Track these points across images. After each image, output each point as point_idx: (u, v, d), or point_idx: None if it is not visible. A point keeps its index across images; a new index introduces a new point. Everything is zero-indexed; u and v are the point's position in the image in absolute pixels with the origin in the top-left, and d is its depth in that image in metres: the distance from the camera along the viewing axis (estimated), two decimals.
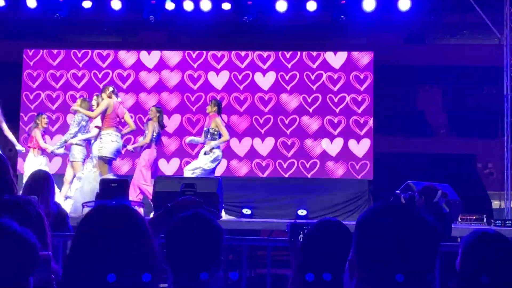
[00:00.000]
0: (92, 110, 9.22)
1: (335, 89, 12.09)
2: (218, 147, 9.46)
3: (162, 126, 9.86)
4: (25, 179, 4.90)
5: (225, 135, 9.44)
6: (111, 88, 8.98)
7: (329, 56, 12.21)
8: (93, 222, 1.81)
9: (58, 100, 12.27)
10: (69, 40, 13.38)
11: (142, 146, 9.68)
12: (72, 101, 12.22)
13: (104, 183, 7.52)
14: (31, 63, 12.45)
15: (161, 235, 2.48)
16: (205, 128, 9.65)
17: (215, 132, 9.40)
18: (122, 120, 9.08)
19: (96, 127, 9.08)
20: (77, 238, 1.81)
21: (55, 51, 12.48)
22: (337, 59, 12.20)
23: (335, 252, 2.37)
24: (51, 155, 10.50)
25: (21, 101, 12.22)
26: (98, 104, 9.10)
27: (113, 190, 7.27)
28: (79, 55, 12.46)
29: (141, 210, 7.87)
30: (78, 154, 9.41)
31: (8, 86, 12.28)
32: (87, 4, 10.99)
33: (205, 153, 9.35)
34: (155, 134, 9.66)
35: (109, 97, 8.81)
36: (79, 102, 9.70)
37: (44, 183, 4.50)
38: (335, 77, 12.12)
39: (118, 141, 8.76)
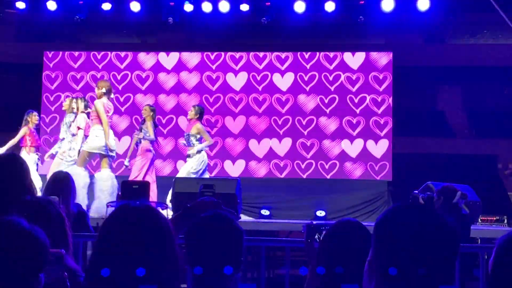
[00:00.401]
0: (75, 112, 9.30)
1: (354, 89, 12.05)
2: (201, 151, 9.51)
3: (155, 124, 9.93)
4: None
5: (208, 139, 9.64)
6: (103, 90, 8.91)
7: (347, 56, 12.18)
8: (117, 221, 1.83)
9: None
10: (88, 42, 13.47)
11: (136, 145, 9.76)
12: (92, 103, 12.32)
13: (125, 184, 7.57)
14: (51, 65, 12.57)
15: (181, 235, 2.49)
16: (185, 134, 9.80)
17: (197, 137, 9.49)
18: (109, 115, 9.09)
19: (78, 128, 9.08)
20: (102, 236, 1.83)
21: (75, 53, 12.59)
22: (355, 59, 12.17)
23: (354, 252, 2.37)
24: (43, 152, 10.55)
25: (41, 103, 12.33)
26: (77, 108, 9.21)
27: (134, 191, 7.31)
28: (99, 56, 12.56)
29: (165, 212, 7.91)
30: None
31: (29, 88, 12.41)
32: (106, 6, 11.07)
33: (188, 156, 9.45)
34: None
35: (100, 97, 8.84)
36: (68, 102, 9.72)
37: (64, 184, 4.55)
38: (354, 77, 12.09)
39: (102, 136, 8.75)
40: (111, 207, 7.53)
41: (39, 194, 5.54)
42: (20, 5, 11.17)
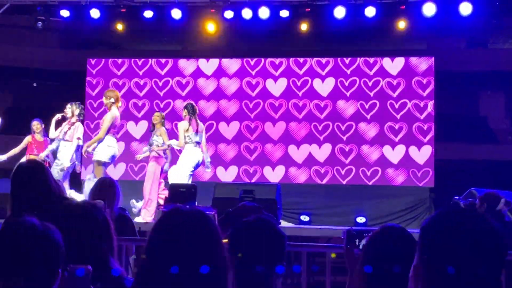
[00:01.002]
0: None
1: (395, 95, 11.94)
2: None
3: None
4: None
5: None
6: (112, 100, 8.91)
7: (388, 62, 12.08)
8: (168, 225, 1.86)
9: (121, 108, 12.54)
10: (130, 49, 13.68)
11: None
12: (135, 109, 12.52)
13: (172, 188, 7.64)
14: (94, 72, 12.81)
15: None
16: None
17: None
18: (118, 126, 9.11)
19: (78, 138, 9.12)
20: (153, 239, 1.86)
21: (118, 61, 12.80)
22: (395, 65, 12.06)
23: (398, 258, 2.35)
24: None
25: (85, 109, 12.55)
26: (72, 113, 9.23)
27: (181, 194, 7.38)
28: (140, 63, 12.74)
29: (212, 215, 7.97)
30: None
31: (73, 95, 12.65)
32: (148, 14, 11.23)
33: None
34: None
35: (109, 108, 8.86)
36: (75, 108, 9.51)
37: (110, 189, 4.67)
38: (395, 83, 11.98)
39: (114, 146, 8.78)
40: (162, 210, 7.64)
41: None
42: (65, 13, 11.42)
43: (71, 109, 9.29)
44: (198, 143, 9.15)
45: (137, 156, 9.97)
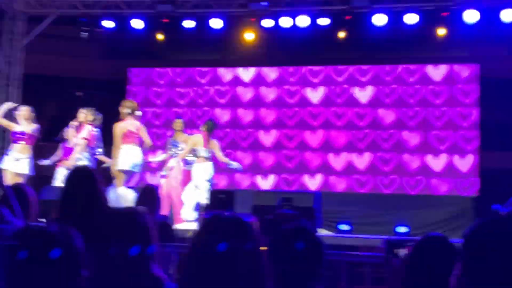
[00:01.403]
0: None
1: (438, 102, 11.78)
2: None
3: None
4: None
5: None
6: (128, 110, 8.90)
7: (430, 69, 11.94)
8: (209, 231, 1.87)
9: (162, 116, 12.71)
10: (171, 59, 13.84)
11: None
12: (174, 118, 12.63)
13: (212, 194, 7.68)
14: (135, 81, 13.00)
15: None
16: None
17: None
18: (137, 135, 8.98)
19: (84, 138, 9.10)
20: (195, 245, 1.88)
21: (159, 70, 12.97)
22: (438, 72, 11.91)
23: (441, 268, 2.32)
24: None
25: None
26: (85, 118, 9.26)
27: (221, 201, 7.41)
28: (180, 73, 12.87)
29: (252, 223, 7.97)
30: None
31: (115, 104, 12.85)
32: (188, 24, 11.35)
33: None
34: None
35: (123, 119, 8.91)
36: (88, 114, 9.47)
37: (152, 196, 4.75)
38: (438, 90, 11.82)
39: (133, 154, 8.78)
40: (203, 216, 7.70)
41: None
42: (107, 23, 11.65)
43: (85, 115, 9.32)
44: (206, 157, 9.30)
45: (151, 159, 9.97)
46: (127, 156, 8.61)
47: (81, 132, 9.19)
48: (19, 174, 8.88)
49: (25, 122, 9.08)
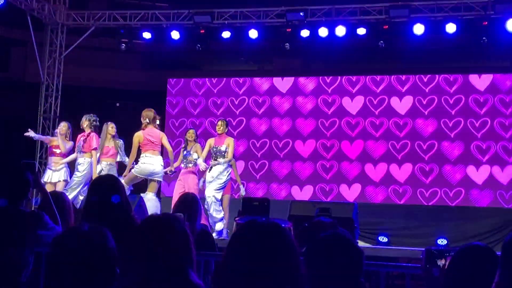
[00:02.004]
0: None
1: (480, 113, 11.57)
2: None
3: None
4: None
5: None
6: (146, 120, 8.87)
7: (470, 79, 11.75)
8: (246, 237, 1.86)
9: (200, 126, 12.78)
10: (208, 69, 13.95)
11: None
12: (212, 127, 12.70)
13: (246, 202, 7.66)
14: (174, 92, 13.12)
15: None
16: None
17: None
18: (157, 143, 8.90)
19: (94, 148, 9.08)
20: (230, 251, 1.87)
21: (197, 80, 13.07)
22: (479, 82, 11.72)
23: (483, 278, 2.25)
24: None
25: (165, 128, 12.85)
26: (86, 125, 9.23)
27: (255, 208, 7.39)
28: (218, 83, 12.95)
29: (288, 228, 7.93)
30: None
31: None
32: (226, 34, 11.43)
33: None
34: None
35: (143, 129, 8.89)
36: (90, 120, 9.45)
37: (192, 204, 4.77)
38: (478, 101, 11.62)
39: (149, 163, 8.76)
40: (237, 222, 7.70)
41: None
42: (146, 35, 11.81)
43: (86, 122, 9.36)
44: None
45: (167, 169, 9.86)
46: (144, 164, 8.73)
47: (90, 142, 9.16)
48: (57, 183, 9.20)
49: (61, 138, 9.38)
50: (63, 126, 9.54)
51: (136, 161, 8.91)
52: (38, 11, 11.68)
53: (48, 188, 8.60)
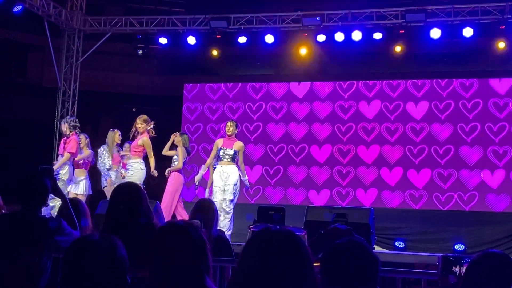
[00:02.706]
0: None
1: (499, 117, 11.47)
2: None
3: (188, 152, 9.68)
4: None
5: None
6: (151, 125, 9.06)
7: (487, 83, 11.66)
8: (260, 244, 1.87)
9: (217, 131, 12.81)
10: (224, 74, 13.98)
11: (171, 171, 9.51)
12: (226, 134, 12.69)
13: (261, 210, 7.64)
14: (190, 97, 13.16)
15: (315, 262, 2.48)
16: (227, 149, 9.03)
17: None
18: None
19: (69, 152, 8.95)
20: (244, 258, 1.87)
21: (214, 86, 13.10)
22: (496, 86, 11.62)
23: (499, 285, 2.24)
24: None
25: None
26: (66, 128, 9.10)
27: (270, 217, 7.36)
28: (234, 88, 12.97)
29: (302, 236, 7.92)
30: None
31: (170, 119, 13.04)
32: (242, 40, 11.46)
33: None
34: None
35: (149, 133, 8.98)
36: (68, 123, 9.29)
37: (209, 210, 4.78)
38: (495, 105, 11.52)
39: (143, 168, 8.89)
40: (252, 230, 7.68)
41: None
42: (163, 40, 11.87)
43: (65, 125, 9.25)
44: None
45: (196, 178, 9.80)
46: (142, 171, 8.81)
47: (68, 145, 9.04)
48: (78, 195, 9.15)
49: (82, 149, 9.39)
50: (82, 138, 9.38)
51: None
52: (55, 16, 11.78)
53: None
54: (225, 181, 8.77)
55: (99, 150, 10.03)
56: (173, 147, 9.64)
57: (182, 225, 2.41)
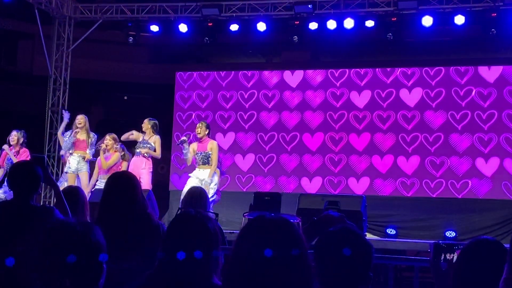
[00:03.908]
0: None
1: (486, 105, 11.51)
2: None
3: None
4: None
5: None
6: (118, 145, 9.28)
7: (479, 71, 11.67)
8: (253, 231, 1.87)
9: (208, 119, 12.79)
10: (216, 62, 13.94)
11: None
12: (221, 121, 12.70)
13: (257, 196, 7.65)
14: (182, 85, 13.12)
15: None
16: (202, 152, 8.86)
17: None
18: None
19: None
20: (238, 245, 1.87)
21: (204, 74, 13.06)
22: (487, 74, 11.64)
23: (492, 272, 2.25)
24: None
25: (174, 121, 12.86)
26: (17, 141, 9.24)
27: (266, 203, 7.38)
28: (226, 76, 12.94)
29: (296, 223, 7.93)
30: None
31: (161, 107, 13.02)
32: (234, 27, 11.42)
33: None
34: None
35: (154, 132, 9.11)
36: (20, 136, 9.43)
37: (200, 198, 4.78)
38: (485, 93, 11.55)
39: None
40: (246, 217, 7.69)
41: None
42: (154, 28, 11.81)
43: (17, 137, 9.35)
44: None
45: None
46: None
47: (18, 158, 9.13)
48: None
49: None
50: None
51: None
52: (46, 4, 11.68)
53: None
54: (203, 184, 8.47)
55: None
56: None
57: (198, 216, 2.32)
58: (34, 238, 3.60)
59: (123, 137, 9.37)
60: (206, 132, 8.87)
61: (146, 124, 9.30)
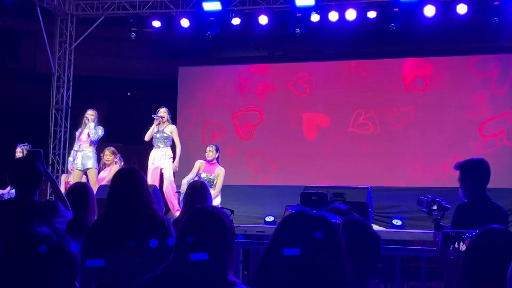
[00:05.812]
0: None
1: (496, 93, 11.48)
2: None
3: None
4: None
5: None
6: (118, 157, 9.45)
7: (479, 60, 11.63)
8: (290, 226, 1.86)
9: (211, 116, 12.77)
10: (219, 57, 13.91)
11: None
12: (224, 115, 12.69)
13: (304, 195, 7.51)
14: (185, 80, 13.10)
15: None
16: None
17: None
18: None
19: None
20: (275, 237, 1.86)
21: (206, 68, 13.04)
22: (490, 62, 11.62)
23: (501, 261, 2.25)
24: None
25: (177, 117, 12.85)
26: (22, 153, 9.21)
27: (313, 202, 7.25)
28: (229, 70, 12.91)
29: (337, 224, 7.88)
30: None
31: (165, 103, 12.99)
32: (236, 21, 11.39)
33: None
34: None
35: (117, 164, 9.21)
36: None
37: (201, 192, 4.78)
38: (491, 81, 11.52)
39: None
40: (288, 210, 7.63)
41: None
42: (156, 23, 11.79)
43: (22, 151, 9.39)
44: None
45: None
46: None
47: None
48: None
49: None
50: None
51: None
52: (47, 1, 11.68)
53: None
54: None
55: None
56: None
57: (216, 212, 2.31)
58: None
59: (147, 138, 9.39)
60: (216, 156, 8.90)
61: (165, 113, 9.46)
